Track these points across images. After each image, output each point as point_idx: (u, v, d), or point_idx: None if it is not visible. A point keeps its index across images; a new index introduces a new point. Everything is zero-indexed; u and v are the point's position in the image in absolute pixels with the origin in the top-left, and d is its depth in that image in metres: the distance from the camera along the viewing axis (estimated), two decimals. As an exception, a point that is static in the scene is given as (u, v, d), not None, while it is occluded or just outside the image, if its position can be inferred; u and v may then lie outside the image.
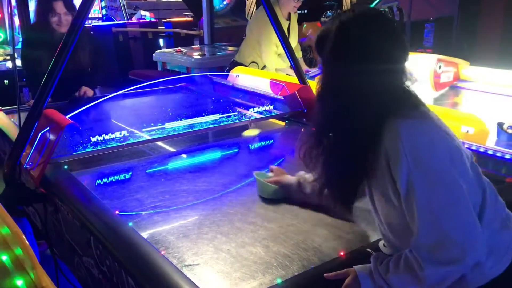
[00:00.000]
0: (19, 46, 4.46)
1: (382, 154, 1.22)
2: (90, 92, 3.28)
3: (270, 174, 1.87)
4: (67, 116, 2.09)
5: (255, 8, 5.08)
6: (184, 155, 2.35)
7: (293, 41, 4.13)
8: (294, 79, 2.95)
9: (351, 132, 1.26)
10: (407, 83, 1.28)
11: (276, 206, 1.76)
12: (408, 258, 1.21)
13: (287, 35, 3.94)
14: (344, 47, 1.24)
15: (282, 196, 1.78)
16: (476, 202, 1.26)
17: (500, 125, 2.44)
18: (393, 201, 1.24)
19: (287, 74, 3.76)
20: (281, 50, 3.92)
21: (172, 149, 2.44)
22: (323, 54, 1.29)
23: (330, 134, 1.32)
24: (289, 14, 4.00)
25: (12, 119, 2.74)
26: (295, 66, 2.87)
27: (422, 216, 1.16)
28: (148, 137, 2.32)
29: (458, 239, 1.14)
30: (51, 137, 1.98)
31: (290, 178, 1.79)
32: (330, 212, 1.65)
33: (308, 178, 1.72)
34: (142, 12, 9.67)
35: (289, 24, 4.01)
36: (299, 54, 4.30)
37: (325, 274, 1.31)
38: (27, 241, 1.24)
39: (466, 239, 1.15)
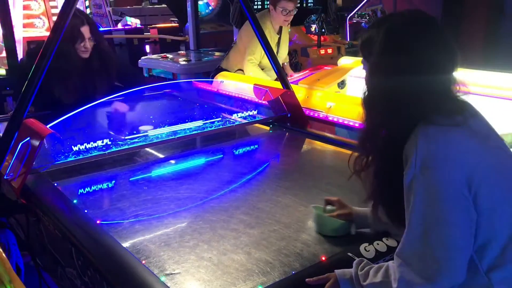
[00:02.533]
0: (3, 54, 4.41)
1: (404, 160, 1.19)
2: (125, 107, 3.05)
3: (329, 207, 1.62)
4: (48, 126, 2.07)
5: (240, 13, 5.08)
6: (167, 162, 2.34)
7: (283, 54, 4.10)
8: (277, 84, 2.96)
9: (387, 137, 1.24)
10: (455, 90, 1.24)
11: (258, 212, 1.76)
12: (389, 269, 1.20)
13: (276, 49, 3.89)
14: (391, 53, 1.22)
15: (348, 232, 1.55)
16: (502, 233, 1.16)
17: None
18: None
19: None
20: (265, 62, 3.90)
21: (156, 156, 2.43)
22: (369, 58, 1.28)
23: (373, 139, 1.28)
24: (280, 27, 3.95)
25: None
26: (277, 71, 2.88)
27: (414, 223, 1.15)
28: (130, 145, 2.30)
29: (440, 257, 1.11)
30: (32, 147, 1.96)
31: (362, 210, 1.55)
32: (311, 217, 1.66)
33: None
34: (128, 19, 9.65)
35: (279, 38, 3.97)
36: (286, 59, 4.29)
37: (306, 279, 1.31)
38: (4, 254, 1.23)
39: (448, 260, 1.11)
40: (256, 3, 6.40)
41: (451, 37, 1.24)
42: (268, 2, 6.41)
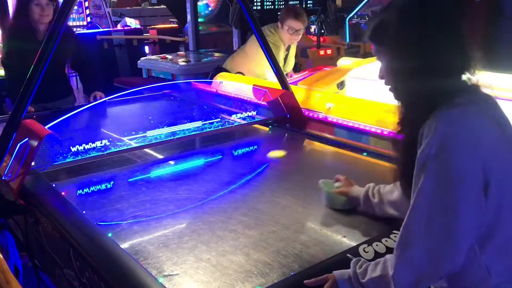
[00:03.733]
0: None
1: (418, 141, 1.17)
2: (103, 95, 3.27)
3: (337, 184, 1.79)
4: (47, 126, 2.06)
5: (239, 14, 5.08)
6: (166, 163, 2.34)
7: (290, 67, 4.10)
8: (276, 85, 2.96)
9: (411, 116, 1.23)
10: (470, 72, 1.22)
11: (257, 213, 1.75)
12: (387, 261, 1.20)
13: (283, 63, 3.87)
14: (406, 34, 1.19)
15: (350, 207, 1.72)
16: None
17: None
18: None
19: None
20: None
21: (155, 157, 2.42)
22: (384, 43, 1.25)
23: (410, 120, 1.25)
24: (289, 45, 3.91)
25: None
26: (277, 72, 2.87)
27: (419, 203, 1.13)
28: (129, 146, 2.30)
29: (442, 241, 1.10)
30: (30, 147, 1.95)
31: (358, 190, 1.71)
32: (311, 218, 1.65)
33: (376, 190, 1.64)
34: (127, 19, 9.65)
35: (287, 55, 3.94)
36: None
37: (305, 281, 1.30)
38: (1, 256, 1.22)
39: (449, 245, 1.11)
40: (255, 3, 6.40)
41: (464, 22, 1.22)
42: (267, 3, 6.42)
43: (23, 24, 3.10)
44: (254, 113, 2.83)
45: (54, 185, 1.99)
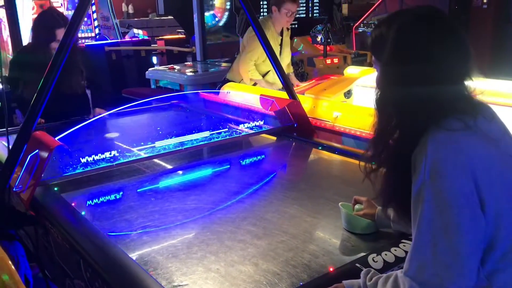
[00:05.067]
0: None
1: (412, 164, 1.17)
2: (104, 112, 3.26)
3: (357, 206, 1.69)
4: (57, 138, 2.09)
5: (246, 24, 5.12)
6: (174, 173, 2.35)
7: (287, 57, 4.16)
8: (283, 94, 2.97)
9: (401, 142, 1.22)
10: (470, 91, 1.21)
11: (265, 223, 1.76)
12: (398, 278, 1.18)
13: (279, 50, 3.97)
14: (402, 53, 1.19)
15: (373, 231, 1.63)
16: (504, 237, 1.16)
17: None
18: None
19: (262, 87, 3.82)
20: (265, 67, 3.95)
21: (163, 167, 2.44)
22: (380, 57, 1.25)
23: (387, 142, 1.26)
24: (282, 29, 4.03)
25: (3, 142, 2.74)
26: (284, 81, 2.89)
27: (421, 230, 1.13)
28: (138, 156, 2.31)
29: (450, 263, 1.10)
30: (40, 159, 1.97)
31: (380, 210, 1.61)
32: (319, 227, 1.65)
33: None
34: (135, 30, 9.74)
35: (282, 40, 4.04)
36: (290, 69, 4.33)
37: (314, 292, 1.31)
38: (13, 266, 1.24)
39: (458, 266, 1.10)
40: (262, 14, 6.44)
41: (465, 37, 1.20)
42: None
43: (39, 50, 3.12)
44: (262, 122, 2.84)
45: (64, 196, 2.01)
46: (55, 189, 2.05)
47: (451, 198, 1.11)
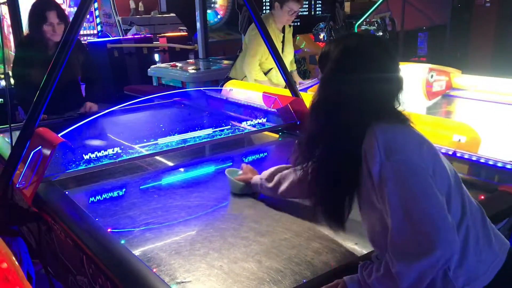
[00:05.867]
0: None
1: (362, 157, 1.27)
2: (95, 107, 3.30)
3: (240, 171, 2.02)
4: (60, 134, 2.09)
5: (248, 21, 5.12)
6: (177, 170, 2.35)
7: (289, 54, 4.16)
8: (286, 92, 2.96)
9: (338, 141, 1.32)
10: (399, 95, 1.35)
11: (268, 221, 1.76)
12: (387, 260, 1.22)
13: (281, 47, 3.97)
14: (344, 61, 1.33)
15: (249, 192, 1.96)
16: (453, 215, 1.26)
17: None
18: (378, 207, 1.27)
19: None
20: (268, 64, 3.95)
21: (166, 164, 2.44)
22: (324, 69, 1.39)
23: (321, 144, 1.37)
24: (284, 26, 4.02)
25: (7, 138, 2.74)
26: (287, 79, 2.88)
27: (394, 209, 1.19)
28: (140, 153, 2.31)
29: (428, 229, 1.15)
30: (43, 155, 1.97)
31: (255, 178, 1.94)
32: (322, 225, 1.65)
33: (269, 177, 1.87)
34: (137, 28, 9.72)
35: (284, 37, 4.04)
36: (293, 66, 4.32)
37: (317, 289, 1.31)
38: (16, 262, 1.24)
39: (437, 230, 1.15)
40: (264, 11, 6.43)
41: (397, 63, 1.36)
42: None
43: (36, 36, 3.20)
44: (264, 120, 2.84)
45: (66, 192, 2.01)
46: (58, 185, 2.04)
47: (410, 168, 1.20)
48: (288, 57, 4.10)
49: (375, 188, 1.25)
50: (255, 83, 3.95)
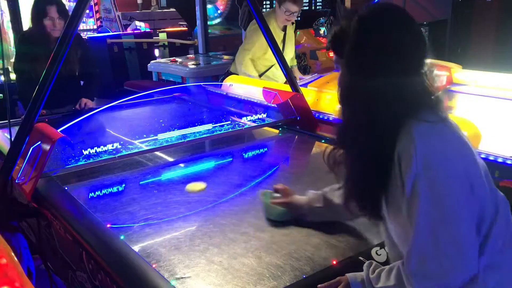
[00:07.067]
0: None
1: (395, 160, 1.16)
2: (90, 103, 3.30)
3: (276, 194, 1.74)
4: (59, 130, 2.08)
5: (248, 16, 5.10)
6: (177, 166, 2.35)
7: (290, 52, 4.14)
8: (286, 87, 2.95)
9: (371, 135, 1.19)
10: (429, 83, 1.20)
11: (268, 216, 1.75)
12: (400, 271, 1.19)
13: (282, 45, 3.94)
14: (365, 44, 1.17)
15: (290, 218, 1.67)
16: (487, 216, 1.18)
17: None
18: (403, 213, 1.18)
19: None
20: (268, 62, 3.93)
21: (166, 160, 2.43)
22: (341, 53, 1.22)
23: (353, 136, 1.24)
24: (285, 25, 4.00)
25: (6, 134, 2.74)
26: (287, 74, 2.87)
27: (421, 223, 1.12)
28: (140, 149, 2.31)
29: (453, 253, 1.10)
30: (43, 151, 1.97)
31: (299, 199, 1.68)
32: (322, 221, 1.64)
33: (319, 198, 1.64)
34: (137, 23, 9.70)
35: (285, 35, 4.01)
36: (294, 62, 4.31)
37: (318, 286, 1.30)
38: (16, 258, 1.23)
39: (461, 255, 1.10)
40: (265, 6, 6.42)
41: (420, 28, 1.22)
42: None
43: (37, 30, 3.21)
44: (264, 115, 2.83)
45: (66, 188, 2.00)
46: (57, 181, 2.04)
47: (446, 188, 1.11)
48: (289, 55, 4.09)
49: (404, 195, 1.15)
50: (244, 76, 3.92)
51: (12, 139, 2.07)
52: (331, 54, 5.91)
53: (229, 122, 2.70)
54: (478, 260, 1.13)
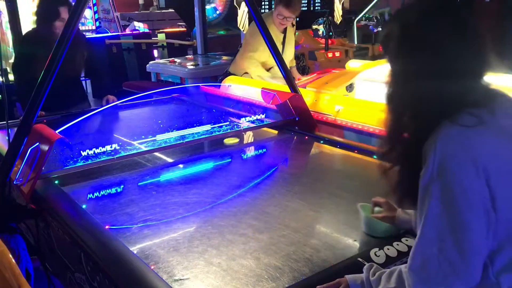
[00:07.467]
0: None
1: (422, 158, 1.14)
2: (115, 99, 3.28)
3: (377, 208, 1.60)
4: (57, 131, 2.08)
5: (247, 17, 5.10)
6: (176, 167, 2.34)
7: (290, 55, 4.13)
8: (285, 88, 2.95)
9: (414, 134, 1.19)
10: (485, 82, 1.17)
11: (267, 217, 1.75)
12: (402, 274, 1.18)
13: (281, 47, 3.93)
14: (407, 46, 1.17)
15: (395, 233, 1.54)
16: None
17: None
18: None
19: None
20: (266, 60, 3.93)
21: (164, 161, 2.43)
22: (388, 53, 1.23)
23: (401, 135, 1.22)
24: (285, 27, 4.00)
25: (4, 135, 2.73)
26: (285, 75, 2.87)
27: (428, 225, 1.11)
28: (139, 150, 2.30)
29: (457, 261, 1.08)
30: (41, 152, 1.96)
31: (405, 214, 1.55)
32: (321, 221, 1.65)
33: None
34: (136, 24, 9.70)
35: (284, 37, 4.01)
36: (293, 63, 4.30)
37: (317, 287, 1.30)
38: (13, 260, 1.23)
39: (466, 263, 1.09)
40: (263, 7, 6.42)
41: (476, 26, 1.16)
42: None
43: (45, 31, 3.15)
44: (263, 116, 2.83)
45: (64, 189, 2.00)
46: (56, 182, 2.04)
47: (460, 195, 1.08)
48: (289, 57, 4.09)
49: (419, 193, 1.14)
50: (258, 79, 3.92)
51: (10, 140, 2.07)
52: (330, 55, 5.91)
53: (228, 123, 2.69)
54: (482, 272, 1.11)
